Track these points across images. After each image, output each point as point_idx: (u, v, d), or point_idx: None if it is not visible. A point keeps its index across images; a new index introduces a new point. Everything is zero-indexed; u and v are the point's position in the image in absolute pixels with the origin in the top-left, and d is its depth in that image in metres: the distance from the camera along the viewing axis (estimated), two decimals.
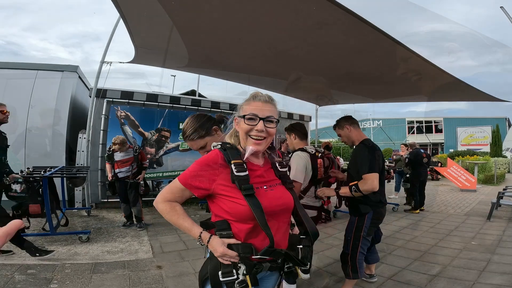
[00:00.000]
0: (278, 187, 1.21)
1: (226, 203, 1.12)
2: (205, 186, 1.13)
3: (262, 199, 1.10)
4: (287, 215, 1.21)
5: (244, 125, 1.16)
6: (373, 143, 2.61)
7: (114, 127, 6.09)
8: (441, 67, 3.20)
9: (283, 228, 1.19)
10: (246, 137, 1.17)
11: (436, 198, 8.69)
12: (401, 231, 4.93)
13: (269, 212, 1.10)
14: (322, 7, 2.14)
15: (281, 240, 1.17)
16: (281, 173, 1.25)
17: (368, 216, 2.48)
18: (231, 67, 4.29)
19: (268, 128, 1.16)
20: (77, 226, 4.66)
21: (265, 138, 1.17)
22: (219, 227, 1.14)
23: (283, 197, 1.19)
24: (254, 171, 1.17)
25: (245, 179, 1.10)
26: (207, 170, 1.14)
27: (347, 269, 2.56)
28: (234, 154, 1.15)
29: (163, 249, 3.80)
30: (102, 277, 2.87)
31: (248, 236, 1.12)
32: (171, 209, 1.17)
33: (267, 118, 1.16)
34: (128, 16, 2.61)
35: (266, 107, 1.18)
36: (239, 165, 1.12)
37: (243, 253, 1.09)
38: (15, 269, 2.89)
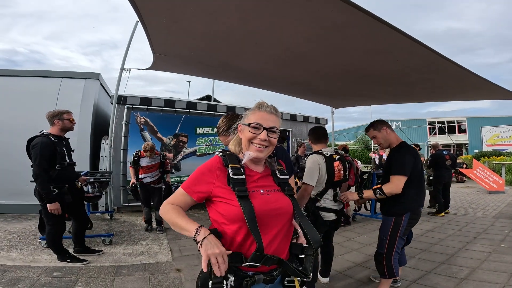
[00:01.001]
0: (275, 193, 1.21)
1: (221, 205, 1.13)
2: (204, 189, 1.16)
3: (255, 201, 1.10)
4: (285, 221, 1.17)
5: (248, 133, 1.20)
6: (411, 146, 2.65)
7: (134, 133, 6.28)
8: (462, 65, 3.09)
9: (280, 235, 1.14)
10: (248, 144, 1.21)
11: (462, 201, 8.33)
12: (425, 234, 4.75)
13: (262, 215, 1.09)
14: (339, 9, 2.13)
15: (278, 248, 1.12)
16: (280, 180, 1.26)
17: (406, 216, 2.48)
18: (247, 71, 4.32)
19: (271, 138, 1.20)
20: (101, 229, 4.80)
21: (267, 147, 1.21)
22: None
23: (279, 202, 1.18)
24: (251, 177, 1.20)
25: (240, 182, 1.13)
26: (206, 174, 1.18)
27: (382, 269, 2.56)
28: (233, 159, 1.21)
29: (182, 252, 3.84)
30: (124, 279, 2.93)
31: (241, 241, 1.09)
32: (172, 208, 1.16)
33: (270, 128, 1.20)
34: (148, 22, 2.70)
35: (271, 118, 1.22)
36: (236, 168, 1.16)
37: (232, 262, 1.04)
38: (41, 271, 3.00)
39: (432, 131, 25.45)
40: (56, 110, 3.32)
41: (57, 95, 6.00)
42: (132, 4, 2.23)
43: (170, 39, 3.22)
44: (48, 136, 3.19)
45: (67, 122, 3.31)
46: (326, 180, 2.56)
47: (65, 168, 3.24)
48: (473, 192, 10.11)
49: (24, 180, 4.14)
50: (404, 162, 2.43)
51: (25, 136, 5.77)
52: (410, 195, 2.46)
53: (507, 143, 21.78)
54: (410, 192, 2.44)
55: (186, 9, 2.40)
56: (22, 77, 6.06)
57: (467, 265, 3.33)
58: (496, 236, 4.57)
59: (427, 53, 2.76)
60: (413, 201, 2.51)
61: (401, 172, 2.40)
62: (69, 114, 3.35)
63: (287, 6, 2.26)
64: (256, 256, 1.04)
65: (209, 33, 2.92)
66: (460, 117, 26.27)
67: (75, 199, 3.40)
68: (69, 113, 3.37)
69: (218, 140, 7.09)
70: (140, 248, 3.91)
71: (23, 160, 5.38)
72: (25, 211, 5.45)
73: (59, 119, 3.28)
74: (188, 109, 6.81)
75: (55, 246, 3.27)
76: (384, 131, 2.64)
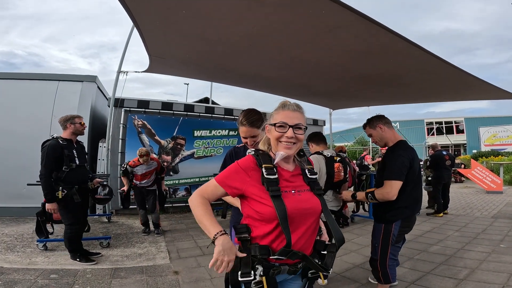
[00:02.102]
0: (306, 192, 1.26)
1: (256, 204, 1.19)
2: (238, 186, 1.22)
3: (287, 201, 1.16)
4: (313, 219, 1.23)
5: (275, 132, 1.24)
6: (409, 146, 2.42)
7: (132, 136, 6.26)
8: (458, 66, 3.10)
9: (308, 233, 1.21)
10: (277, 143, 1.25)
11: (461, 201, 8.34)
12: (424, 235, 4.75)
13: (293, 214, 1.14)
14: (332, 10, 2.14)
15: (305, 244, 1.20)
16: (310, 180, 1.30)
17: (397, 224, 2.32)
18: (243, 73, 4.33)
19: (297, 135, 1.24)
20: (98, 232, 4.78)
21: (295, 143, 1.24)
22: (239, 230, 1.21)
23: (309, 201, 1.23)
24: (283, 176, 1.24)
25: (274, 181, 1.19)
26: (241, 172, 1.23)
27: (377, 275, 2.47)
28: (266, 159, 1.25)
29: (180, 254, 3.82)
30: (121, 282, 2.91)
31: (272, 237, 1.16)
32: (202, 204, 1.21)
33: (296, 125, 1.23)
34: (142, 25, 2.70)
35: (295, 115, 1.26)
36: (270, 168, 1.21)
37: (260, 254, 1.13)
38: (39, 273, 2.99)
39: (430, 132, 25.49)
40: (68, 115, 3.47)
41: (54, 98, 5.99)
42: (124, 7, 2.23)
43: (165, 42, 3.23)
44: (57, 140, 3.32)
45: (78, 126, 3.46)
46: (326, 181, 2.55)
47: (74, 170, 3.35)
48: (471, 192, 10.13)
49: (22, 184, 4.14)
50: (397, 164, 2.22)
51: (22, 140, 5.78)
52: (405, 201, 2.28)
53: (505, 143, 21.84)
54: (405, 198, 2.27)
55: (178, 12, 2.40)
56: (19, 80, 6.04)
57: (466, 266, 3.32)
58: (495, 236, 4.56)
59: (421, 53, 2.77)
60: (407, 208, 2.33)
61: (394, 176, 2.21)
62: (80, 118, 3.51)
63: (279, 8, 2.27)
64: (284, 252, 1.13)
65: (203, 35, 2.92)
66: (457, 118, 26.35)
67: (83, 201, 3.47)
68: (80, 118, 3.53)
69: (216, 142, 7.09)
70: (137, 251, 3.89)
71: (20, 163, 5.42)
72: (23, 214, 5.42)
73: (71, 123, 3.42)
74: (186, 112, 6.81)
75: (71, 245, 3.38)
76: (379, 129, 2.46)
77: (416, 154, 2.39)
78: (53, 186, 3.19)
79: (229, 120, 7.27)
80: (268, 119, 1.32)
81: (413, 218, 2.47)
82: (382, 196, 2.25)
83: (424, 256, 3.70)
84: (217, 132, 7.13)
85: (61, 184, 3.23)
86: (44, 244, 3.75)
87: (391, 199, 2.22)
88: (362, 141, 24.48)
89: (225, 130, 7.20)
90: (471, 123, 24.83)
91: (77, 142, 3.54)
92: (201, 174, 6.88)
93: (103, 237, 4.12)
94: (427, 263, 3.44)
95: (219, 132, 7.15)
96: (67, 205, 3.26)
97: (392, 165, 2.26)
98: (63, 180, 3.25)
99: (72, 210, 3.30)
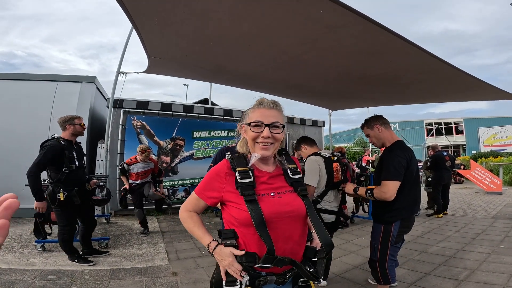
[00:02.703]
0: (288, 194, 1.18)
1: (233, 209, 1.14)
2: (215, 194, 1.18)
3: (264, 204, 1.09)
4: (297, 223, 1.15)
5: (250, 132, 1.18)
6: (406, 146, 2.41)
7: (131, 137, 6.25)
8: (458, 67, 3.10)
9: (294, 238, 1.13)
10: (253, 144, 1.19)
11: (461, 202, 8.33)
12: (424, 235, 4.74)
13: (272, 218, 1.08)
14: (331, 10, 2.13)
15: (291, 251, 1.12)
16: (293, 180, 1.22)
17: (396, 225, 2.31)
18: (242, 74, 4.32)
19: (274, 134, 1.16)
20: (97, 233, 4.76)
21: (272, 144, 1.17)
22: (225, 235, 1.15)
23: (291, 204, 1.15)
24: (261, 178, 1.18)
25: (249, 185, 1.12)
26: (216, 179, 1.18)
27: (377, 276, 2.45)
28: (240, 163, 1.18)
29: (178, 256, 3.81)
30: (119, 283, 2.90)
31: (255, 243, 1.10)
32: (189, 217, 1.23)
33: (272, 124, 1.16)
34: (140, 26, 2.69)
35: (271, 113, 1.18)
36: (244, 172, 1.15)
37: (246, 262, 1.07)
38: (36, 274, 2.97)
39: (430, 133, 25.52)
40: (68, 116, 3.44)
41: (53, 98, 5.98)
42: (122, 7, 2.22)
43: (164, 42, 3.22)
44: (58, 140, 3.29)
45: (78, 127, 3.42)
46: (326, 181, 2.54)
47: (74, 171, 3.32)
48: (471, 193, 10.12)
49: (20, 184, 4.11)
50: (394, 165, 2.21)
51: (21, 140, 5.76)
52: (403, 202, 2.27)
53: (505, 144, 21.86)
54: (403, 198, 2.26)
55: (177, 12, 2.39)
56: (18, 81, 6.04)
57: (466, 267, 3.31)
58: (495, 237, 4.55)
59: (419, 54, 2.76)
60: (405, 209, 2.32)
61: (391, 176, 2.21)
62: (80, 119, 3.48)
63: (278, 8, 2.26)
64: (267, 258, 1.06)
65: (202, 36, 2.92)
66: (457, 118, 26.41)
67: (84, 202, 3.47)
68: (80, 119, 3.50)
69: (215, 143, 7.08)
70: (136, 252, 3.87)
71: (18, 164, 5.38)
72: (21, 215, 5.40)
73: (71, 124, 3.39)
74: (185, 113, 6.80)
75: (65, 246, 3.37)
76: (376, 129, 2.46)
77: (413, 155, 2.38)
78: (41, 185, 3.17)
79: (229, 121, 7.26)
80: (244, 118, 1.24)
81: (412, 219, 2.46)
82: (379, 195, 2.25)
83: (424, 257, 3.69)
84: (217, 133, 7.12)
85: (61, 186, 3.20)
86: (42, 245, 3.73)
87: (388, 199, 2.21)
88: (362, 142, 24.47)
89: (224, 131, 7.20)
90: (470, 124, 24.88)
91: (76, 143, 3.52)
92: (200, 175, 6.86)
93: (102, 238, 4.11)
94: (426, 264, 3.43)
95: (218, 133, 7.14)
96: (65, 207, 3.24)
97: (389, 165, 2.25)
98: (63, 182, 3.22)
99: (68, 212, 3.30)
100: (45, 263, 3.30)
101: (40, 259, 3.44)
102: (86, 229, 3.64)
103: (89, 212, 3.67)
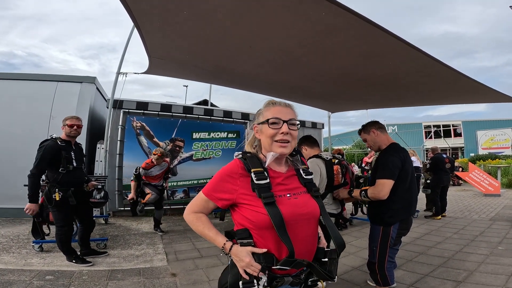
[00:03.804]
0: (302, 195, 1.17)
1: (248, 212, 1.10)
2: (227, 196, 1.13)
3: (283, 207, 1.07)
4: (312, 224, 1.15)
5: (268, 129, 1.15)
6: (401, 148, 2.46)
7: (130, 138, 6.24)
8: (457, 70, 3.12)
9: (308, 239, 1.13)
10: (271, 142, 1.15)
11: (459, 204, 8.35)
12: (422, 237, 4.74)
13: (291, 221, 1.06)
14: (332, 12, 2.15)
15: (306, 251, 1.12)
16: (306, 181, 1.21)
17: (395, 227, 2.33)
18: (242, 75, 4.33)
19: (292, 131, 1.15)
20: (95, 233, 4.73)
21: (289, 142, 1.15)
22: (240, 235, 1.11)
23: (307, 205, 1.14)
24: (276, 179, 1.15)
25: (266, 187, 1.09)
26: (228, 180, 1.14)
27: (376, 278, 2.45)
28: (255, 163, 1.15)
29: (177, 257, 3.79)
30: (118, 284, 2.88)
31: (271, 245, 1.08)
32: (197, 219, 1.19)
33: (290, 120, 1.15)
34: (142, 26, 2.70)
35: (287, 110, 1.18)
36: (260, 173, 1.11)
37: (265, 263, 1.05)
38: (34, 275, 2.95)
39: (428, 135, 25.60)
40: (66, 116, 3.42)
41: (53, 99, 5.97)
42: (125, 7, 2.23)
43: (165, 43, 3.23)
44: (55, 141, 3.27)
45: (67, 128, 3.35)
46: (327, 184, 2.53)
47: (71, 172, 3.30)
48: (469, 195, 10.15)
49: (18, 184, 4.10)
50: (388, 164, 2.25)
51: (19, 140, 5.75)
52: (398, 202, 2.29)
53: (503, 146, 21.95)
54: (400, 199, 2.28)
55: (179, 13, 2.40)
56: (18, 81, 6.02)
57: (465, 268, 3.31)
58: (493, 238, 4.56)
59: (419, 56, 2.78)
60: (403, 210, 2.33)
61: (385, 175, 2.24)
62: (71, 120, 3.39)
63: (280, 10, 2.28)
64: (287, 261, 1.04)
65: (203, 36, 2.93)
66: (455, 121, 26.51)
67: (82, 203, 3.44)
68: (72, 119, 3.40)
69: (214, 144, 7.09)
70: (135, 253, 3.86)
71: (17, 164, 5.37)
72: (19, 215, 5.38)
73: (63, 125, 3.37)
74: (185, 114, 6.80)
75: (62, 247, 3.35)
76: (372, 133, 2.51)
77: (408, 156, 2.42)
78: (39, 187, 3.16)
79: (228, 122, 7.27)
80: (256, 118, 1.22)
81: (410, 220, 2.48)
82: (373, 194, 2.27)
83: (423, 259, 3.69)
84: (216, 135, 7.12)
85: (57, 186, 3.18)
86: (40, 245, 3.72)
87: (382, 198, 2.23)
88: (361, 145, 24.52)
89: (224, 132, 7.20)
90: (468, 126, 24.99)
91: (75, 144, 3.51)
92: (200, 176, 6.87)
93: (100, 239, 4.09)
94: (425, 266, 3.43)
95: (218, 135, 7.14)
96: (61, 207, 3.22)
97: (384, 165, 2.29)
98: (59, 182, 3.20)
99: (64, 213, 3.27)
100: (43, 264, 3.28)
101: (38, 259, 3.42)
102: (85, 230, 3.63)
103: (87, 213, 3.65)
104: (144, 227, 5.32)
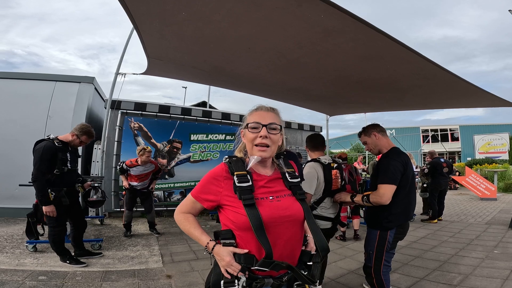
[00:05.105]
0: (286, 198, 1.19)
1: (231, 213, 1.14)
2: (212, 198, 1.19)
3: (263, 209, 1.10)
4: (296, 227, 1.16)
5: (249, 134, 1.20)
6: (402, 152, 2.45)
7: (128, 138, 6.23)
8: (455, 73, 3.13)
9: (291, 243, 1.15)
10: (252, 147, 1.19)
11: (455, 208, 8.37)
12: (418, 241, 4.75)
13: (270, 223, 1.09)
14: (330, 15, 2.15)
15: (289, 255, 1.13)
16: (291, 184, 1.23)
17: (392, 231, 2.32)
18: (241, 77, 4.33)
19: (271, 135, 1.18)
20: (90, 234, 4.71)
21: (269, 146, 1.18)
22: (223, 236, 1.15)
23: (289, 208, 1.16)
24: (259, 182, 1.18)
25: (247, 189, 1.13)
26: (213, 183, 1.19)
27: (372, 281, 2.44)
28: (239, 166, 1.19)
29: (173, 258, 3.77)
30: (112, 285, 2.86)
31: (252, 246, 1.11)
32: (185, 219, 1.24)
33: (269, 124, 1.18)
34: (141, 26, 2.70)
35: (268, 115, 1.21)
36: (242, 176, 1.16)
37: (245, 263, 1.08)
38: (27, 275, 2.93)
39: (426, 139, 25.69)
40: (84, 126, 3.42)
41: (51, 98, 5.95)
42: (124, 8, 2.23)
43: (163, 44, 3.22)
44: (52, 141, 3.24)
45: (76, 140, 3.37)
46: (324, 188, 2.52)
47: (65, 174, 3.29)
48: (466, 199, 10.18)
49: (14, 184, 4.08)
50: (390, 169, 2.24)
51: (16, 140, 5.72)
52: (398, 207, 2.27)
53: (499, 151, 22.05)
54: (397, 203, 2.26)
55: (178, 14, 2.40)
56: (15, 80, 6.00)
57: (460, 272, 3.32)
58: (489, 242, 4.58)
59: (417, 59, 2.79)
60: (400, 214, 2.32)
61: (387, 180, 2.22)
62: (87, 139, 3.43)
63: (278, 11, 2.28)
64: (265, 262, 1.07)
65: (202, 38, 2.93)
66: (453, 125, 26.65)
67: (73, 203, 3.42)
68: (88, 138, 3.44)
69: (212, 146, 7.08)
70: (130, 254, 3.83)
71: (13, 164, 5.35)
72: (14, 215, 5.35)
73: (75, 134, 3.36)
74: (183, 115, 6.79)
75: (55, 247, 3.33)
76: (373, 136, 2.51)
77: (409, 160, 2.41)
78: (47, 188, 3.13)
79: (226, 124, 7.27)
80: (243, 122, 1.27)
81: (407, 225, 2.47)
82: (375, 199, 2.25)
83: (418, 262, 3.69)
84: (214, 137, 7.12)
85: (50, 186, 3.17)
86: (34, 245, 3.69)
87: (384, 203, 2.21)
88: (359, 148, 24.58)
89: (222, 134, 7.20)
90: (466, 131, 25.10)
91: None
92: (197, 178, 6.84)
93: (95, 240, 4.06)
94: (421, 269, 3.43)
95: (215, 137, 7.13)
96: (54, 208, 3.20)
97: (386, 169, 2.27)
98: (52, 183, 3.19)
99: (57, 213, 3.24)
100: (36, 264, 3.26)
101: (31, 259, 3.39)
102: (77, 231, 3.61)
103: (78, 214, 3.62)
104: (140, 228, 5.30)
